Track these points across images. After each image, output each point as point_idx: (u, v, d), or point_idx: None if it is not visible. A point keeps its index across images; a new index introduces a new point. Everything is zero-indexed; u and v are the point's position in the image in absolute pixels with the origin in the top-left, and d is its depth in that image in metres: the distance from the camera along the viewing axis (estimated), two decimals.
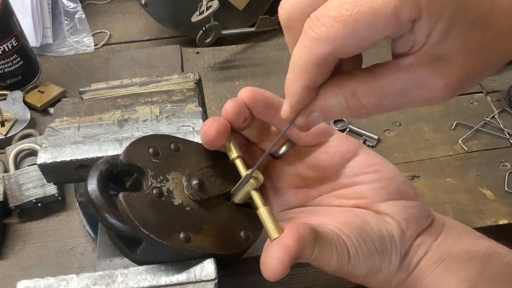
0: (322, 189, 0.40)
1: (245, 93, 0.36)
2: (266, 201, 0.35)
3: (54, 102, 0.75)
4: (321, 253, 0.33)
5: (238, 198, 0.38)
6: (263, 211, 0.34)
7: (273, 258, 0.31)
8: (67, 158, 0.41)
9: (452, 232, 0.39)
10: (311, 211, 0.39)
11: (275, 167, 0.41)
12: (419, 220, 0.38)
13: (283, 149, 0.40)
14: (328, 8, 0.25)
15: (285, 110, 0.30)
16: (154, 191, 0.35)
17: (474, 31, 0.26)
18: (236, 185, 0.37)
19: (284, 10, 0.27)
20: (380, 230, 0.37)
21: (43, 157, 0.41)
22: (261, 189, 0.36)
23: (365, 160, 0.39)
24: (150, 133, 0.45)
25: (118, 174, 0.37)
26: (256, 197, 0.35)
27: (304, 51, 0.27)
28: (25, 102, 0.74)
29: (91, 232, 0.58)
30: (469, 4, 0.25)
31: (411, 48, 0.26)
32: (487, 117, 0.71)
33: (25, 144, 0.65)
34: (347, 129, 0.70)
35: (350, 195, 0.39)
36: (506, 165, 0.66)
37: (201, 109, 0.47)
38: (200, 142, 0.41)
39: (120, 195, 0.33)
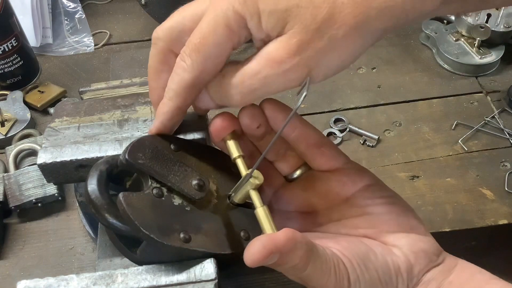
0: (331, 216, 0.40)
1: (267, 103, 0.37)
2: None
3: (54, 102, 0.75)
4: (317, 273, 0.33)
5: (237, 198, 0.38)
6: (260, 211, 0.34)
7: (258, 241, 0.31)
8: (67, 158, 0.41)
9: (465, 271, 0.38)
10: (317, 236, 0.38)
11: (286, 190, 0.41)
12: (429, 255, 0.37)
13: (298, 172, 0.41)
14: (188, 41, 0.33)
15: (154, 126, 0.38)
16: (154, 191, 0.35)
17: (295, 16, 0.30)
18: (236, 185, 0.37)
19: (162, 30, 0.36)
20: (385, 260, 0.36)
21: (43, 157, 0.41)
22: (269, 212, 0.35)
23: (377, 191, 0.39)
24: None
25: (118, 174, 0.37)
26: (255, 196, 0.35)
27: (177, 78, 0.35)
28: (25, 102, 0.74)
29: (91, 232, 0.58)
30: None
31: (264, 37, 0.32)
32: (487, 117, 0.71)
33: (25, 144, 0.65)
34: (347, 129, 0.70)
35: (359, 224, 0.38)
36: (506, 165, 0.66)
37: None
38: (200, 142, 0.41)
39: (120, 195, 0.33)
